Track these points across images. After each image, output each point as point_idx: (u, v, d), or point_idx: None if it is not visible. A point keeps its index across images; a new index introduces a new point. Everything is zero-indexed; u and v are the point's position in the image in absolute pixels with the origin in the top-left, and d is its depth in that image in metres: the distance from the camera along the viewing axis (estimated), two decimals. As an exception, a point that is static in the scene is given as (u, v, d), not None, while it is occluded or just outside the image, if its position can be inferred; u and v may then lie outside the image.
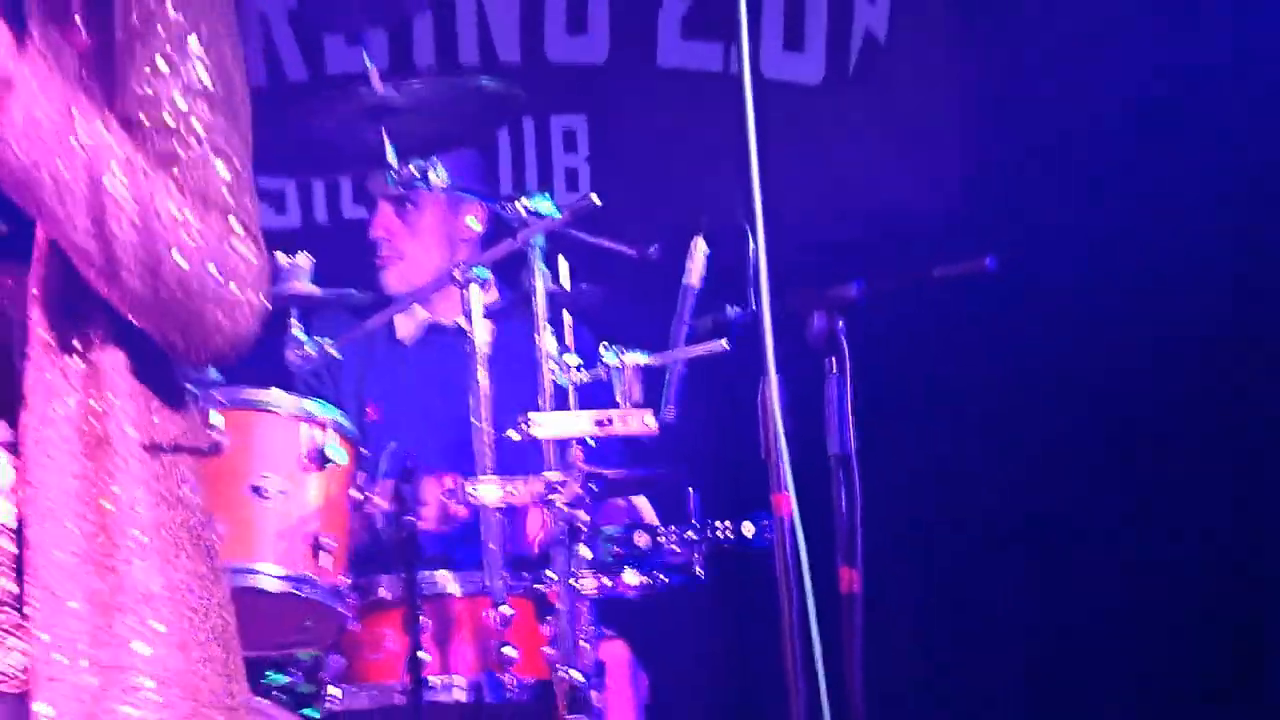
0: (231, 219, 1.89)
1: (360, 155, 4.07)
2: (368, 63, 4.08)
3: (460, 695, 3.85)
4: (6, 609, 1.77)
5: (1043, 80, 5.31)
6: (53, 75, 1.81)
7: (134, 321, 1.83)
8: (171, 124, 1.89)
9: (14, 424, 1.78)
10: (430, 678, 3.80)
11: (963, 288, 4.40)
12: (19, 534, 1.74)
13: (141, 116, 1.86)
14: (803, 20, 5.51)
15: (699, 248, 3.99)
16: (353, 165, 4.53)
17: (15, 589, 1.77)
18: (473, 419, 3.90)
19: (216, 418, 3.53)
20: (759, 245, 2.99)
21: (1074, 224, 5.07)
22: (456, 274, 3.93)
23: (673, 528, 4.00)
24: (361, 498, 3.85)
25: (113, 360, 1.84)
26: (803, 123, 5.33)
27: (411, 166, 4.03)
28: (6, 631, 1.76)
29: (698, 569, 3.97)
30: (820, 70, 5.51)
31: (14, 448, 1.76)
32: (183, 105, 1.94)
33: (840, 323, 3.85)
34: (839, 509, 3.73)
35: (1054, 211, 5.12)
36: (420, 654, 3.78)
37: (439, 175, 4.00)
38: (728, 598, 4.70)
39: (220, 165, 1.92)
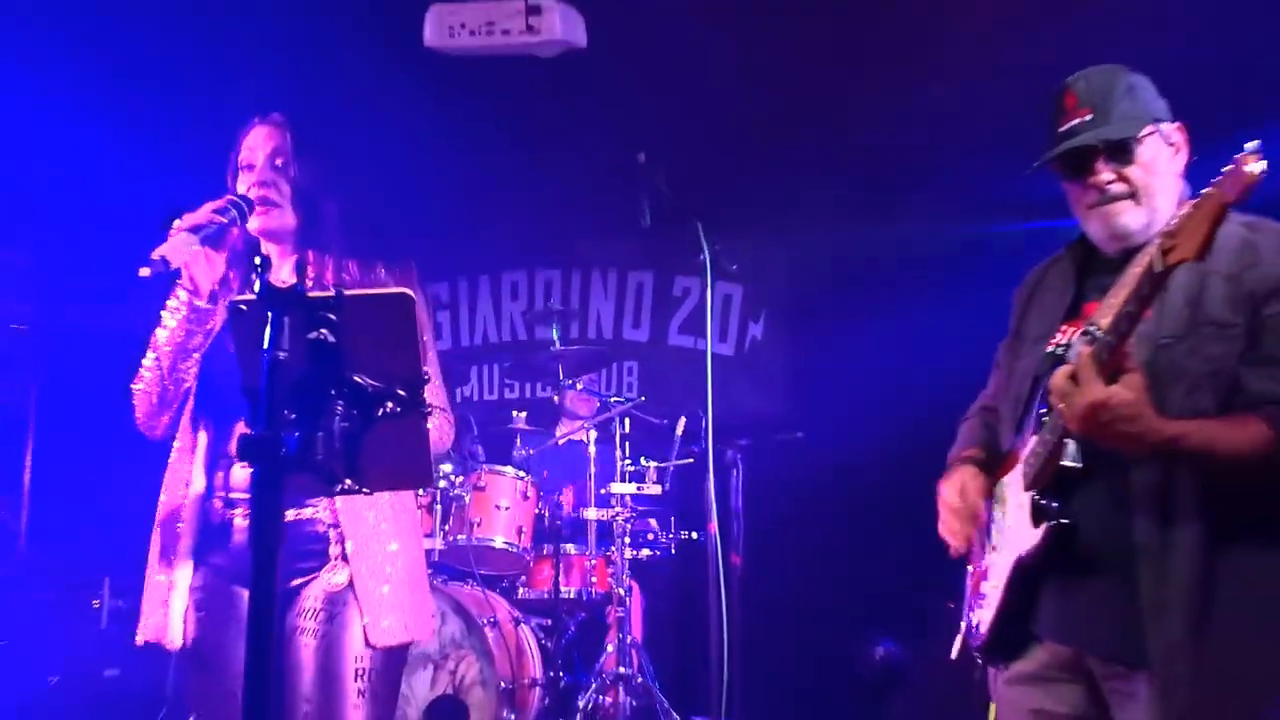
0: (445, 425, 2.29)
1: (547, 377, 4.69)
2: (553, 334, 4.76)
3: (573, 594, 4.47)
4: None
5: (835, 350, 5.47)
6: None
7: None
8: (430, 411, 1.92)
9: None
10: (562, 587, 4.42)
11: (792, 443, 4.73)
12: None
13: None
14: (727, 329, 5.93)
15: (682, 420, 4.72)
16: (543, 378, 4.96)
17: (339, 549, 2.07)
18: (588, 481, 4.59)
19: (485, 476, 4.28)
20: (709, 422, 3.32)
21: (845, 416, 5.18)
22: (584, 425, 4.71)
23: (663, 531, 4.68)
24: (538, 511, 4.45)
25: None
26: (727, 371, 5.69)
27: (572, 381, 4.75)
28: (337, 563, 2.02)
29: (672, 550, 4.68)
30: (732, 350, 5.92)
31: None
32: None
33: (738, 455, 4.58)
34: (733, 529, 4.43)
35: (836, 413, 5.24)
36: (559, 578, 4.37)
37: (580, 385, 4.82)
38: (684, 565, 4.79)
39: (439, 413, 2.25)
